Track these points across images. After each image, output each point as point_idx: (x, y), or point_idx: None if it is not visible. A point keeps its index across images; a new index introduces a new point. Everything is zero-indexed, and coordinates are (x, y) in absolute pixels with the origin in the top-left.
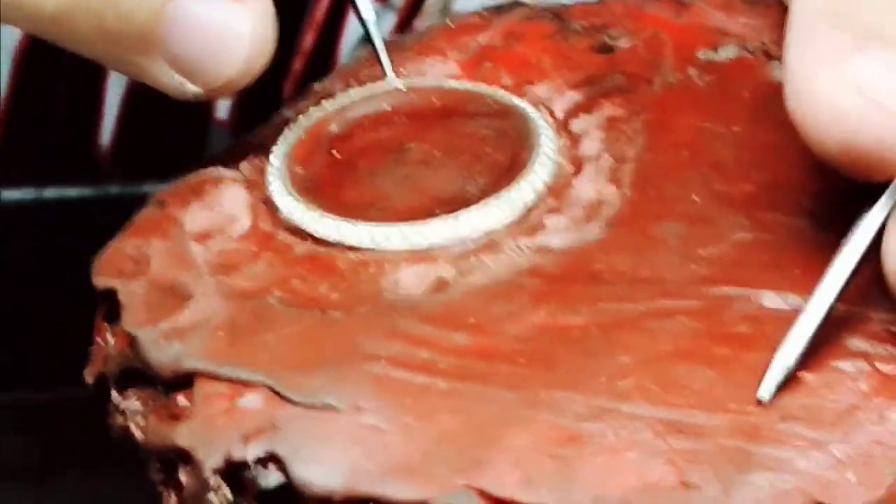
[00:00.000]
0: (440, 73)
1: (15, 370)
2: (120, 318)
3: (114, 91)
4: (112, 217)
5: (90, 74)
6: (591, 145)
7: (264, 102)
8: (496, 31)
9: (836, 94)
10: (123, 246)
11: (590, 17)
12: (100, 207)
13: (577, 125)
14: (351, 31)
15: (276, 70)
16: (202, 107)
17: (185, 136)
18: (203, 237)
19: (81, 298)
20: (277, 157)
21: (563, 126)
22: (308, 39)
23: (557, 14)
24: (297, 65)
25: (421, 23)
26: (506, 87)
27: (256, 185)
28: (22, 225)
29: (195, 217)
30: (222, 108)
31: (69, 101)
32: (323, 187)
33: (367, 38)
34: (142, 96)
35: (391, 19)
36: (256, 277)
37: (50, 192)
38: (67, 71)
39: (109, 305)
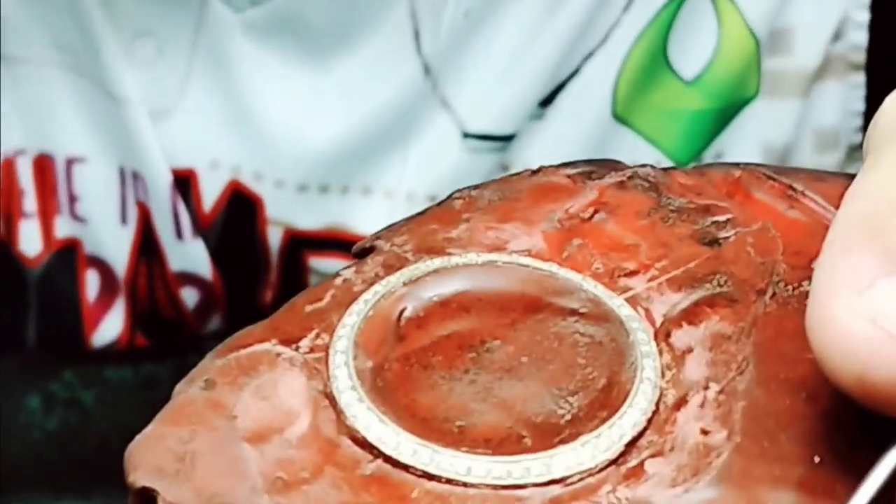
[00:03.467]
0: (524, 246)
1: None
2: None
3: None
4: None
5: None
6: (695, 369)
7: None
8: (586, 199)
9: (850, 325)
10: (163, 435)
11: (690, 193)
12: None
13: (679, 338)
14: None
15: None
16: None
17: None
18: (257, 438)
19: None
20: (342, 343)
21: (663, 337)
22: None
23: (654, 185)
24: None
25: None
26: (597, 275)
27: (316, 373)
28: None
29: (247, 408)
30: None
31: None
32: (394, 388)
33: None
34: None
35: None
36: (318, 501)
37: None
38: None
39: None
